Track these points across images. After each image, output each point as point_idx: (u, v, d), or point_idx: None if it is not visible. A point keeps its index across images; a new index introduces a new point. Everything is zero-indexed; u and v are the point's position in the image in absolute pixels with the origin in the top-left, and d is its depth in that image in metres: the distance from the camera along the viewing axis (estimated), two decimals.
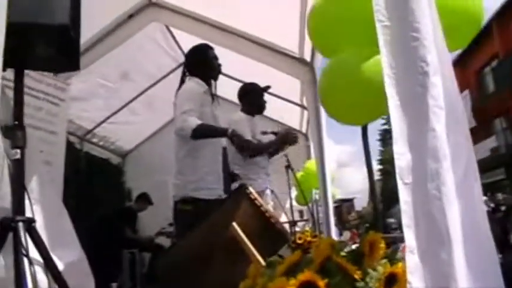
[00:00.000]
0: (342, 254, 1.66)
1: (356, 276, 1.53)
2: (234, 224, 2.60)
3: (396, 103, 1.19)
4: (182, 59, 6.10)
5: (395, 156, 1.17)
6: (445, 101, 1.19)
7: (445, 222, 1.13)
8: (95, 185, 6.63)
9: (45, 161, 3.98)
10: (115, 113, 6.46)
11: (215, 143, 3.26)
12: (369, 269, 1.54)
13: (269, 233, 2.68)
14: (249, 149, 3.15)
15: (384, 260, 1.61)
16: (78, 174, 6.15)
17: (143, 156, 7.63)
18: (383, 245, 1.63)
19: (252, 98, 4.11)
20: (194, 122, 2.97)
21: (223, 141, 3.41)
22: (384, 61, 1.22)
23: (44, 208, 1.87)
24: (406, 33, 1.19)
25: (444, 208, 1.13)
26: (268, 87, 4.14)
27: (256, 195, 2.66)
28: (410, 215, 1.14)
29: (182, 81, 3.37)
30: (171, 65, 6.31)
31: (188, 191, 3.06)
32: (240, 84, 4.44)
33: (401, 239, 1.31)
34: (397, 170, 1.17)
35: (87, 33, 4.34)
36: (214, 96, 3.37)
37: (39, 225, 1.75)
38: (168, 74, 6.38)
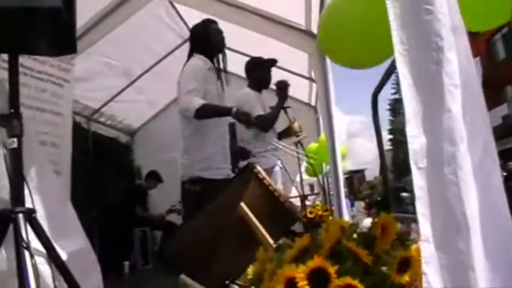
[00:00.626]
0: (353, 237, 1.60)
1: (368, 261, 1.47)
2: (242, 204, 2.56)
3: (409, 82, 1.11)
4: (187, 34, 5.94)
5: (408, 139, 1.09)
6: (461, 78, 1.10)
7: (462, 208, 1.06)
8: (104, 164, 6.63)
9: (51, 143, 3.96)
10: (122, 91, 6.42)
11: (221, 121, 3.20)
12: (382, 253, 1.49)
13: (278, 213, 2.62)
14: (266, 124, 3.17)
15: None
16: (86, 154, 6.15)
17: (152, 134, 7.62)
18: (395, 227, 1.58)
19: (259, 72, 4.03)
20: (197, 102, 2.93)
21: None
22: (394, 36, 1.13)
23: (45, 197, 1.83)
24: (418, 5, 1.10)
25: (461, 194, 1.06)
26: (274, 60, 4.05)
27: (264, 175, 2.60)
28: (425, 201, 1.07)
29: (188, 59, 3.31)
30: (176, 41, 6.21)
31: (196, 170, 3.03)
32: (247, 59, 4.35)
33: (415, 219, 1.25)
34: (410, 154, 1.09)
35: (88, 12, 4.27)
36: (221, 72, 3.30)
37: (41, 215, 1.71)
38: (173, 50, 6.31)
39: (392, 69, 1.91)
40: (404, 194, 10.47)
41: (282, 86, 3.97)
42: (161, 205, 7.02)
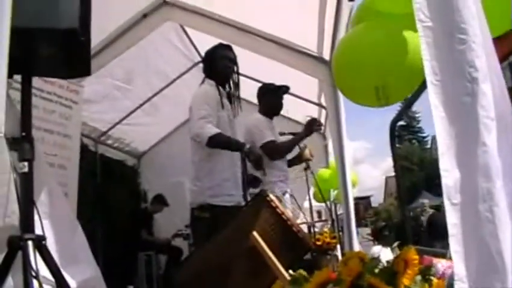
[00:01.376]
0: (375, 271, 1.54)
1: None
2: (255, 233, 2.50)
3: (442, 114, 1.07)
4: (197, 58, 6.05)
5: (442, 173, 1.05)
6: (496, 110, 1.06)
7: (499, 247, 1.00)
8: (111, 187, 6.58)
9: (59, 165, 3.93)
10: (130, 114, 6.39)
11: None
12: None
13: (291, 242, 2.56)
14: (275, 153, 3.23)
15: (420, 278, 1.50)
16: (93, 176, 6.12)
17: (159, 157, 7.57)
18: (418, 262, 1.52)
19: (271, 98, 4.01)
20: (211, 130, 2.91)
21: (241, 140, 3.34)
22: (426, 67, 1.09)
23: (55, 223, 1.78)
24: (452, 34, 1.06)
25: (497, 232, 1.01)
26: (287, 87, 4.04)
27: (277, 203, 2.54)
28: (459, 239, 1.02)
29: (202, 83, 3.30)
30: (186, 64, 6.22)
31: (206, 197, 2.98)
32: (258, 84, 4.35)
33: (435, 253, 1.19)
34: (444, 189, 1.04)
35: (100, 34, 4.28)
36: (232, 99, 3.29)
37: (51, 242, 1.65)
38: (183, 74, 6.30)
39: (414, 99, 1.87)
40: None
41: (314, 125, 3.92)
42: (167, 229, 6.94)
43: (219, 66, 3.26)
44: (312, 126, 3.90)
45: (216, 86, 3.20)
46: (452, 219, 1.03)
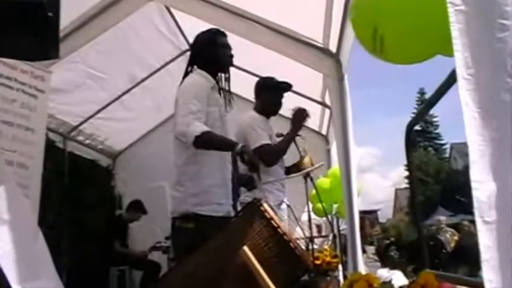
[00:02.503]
0: None
1: None
2: (246, 248, 2.46)
3: (474, 114, 1.02)
4: (185, 46, 6.02)
5: (473, 185, 1.00)
6: None
7: None
8: (81, 190, 6.52)
9: (19, 164, 3.85)
10: (105, 107, 6.35)
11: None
12: None
13: (287, 260, 2.52)
14: (271, 157, 3.15)
15: None
16: (61, 178, 6.05)
17: (138, 158, 7.54)
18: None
19: (270, 95, 3.98)
20: (199, 128, 2.85)
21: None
22: (458, 58, 1.04)
23: (13, 230, 1.71)
24: (491, 20, 1.01)
25: None
26: (289, 85, 4.01)
27: (272, 214, 2.51)
28: (494, 265, 0.97)
29: (186, 73, 3.23)
30: (172, 52, 6.20)
31: (190, 205, 2.92)
32: (250, 78, 4.33)
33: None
34: (475, 205, 0.99)
35: (72, 13, 4.22)
36: (224, 93, 3.25)
37: (6, 253, 1.59)
38: (168, 63, 6.28)
39: (436, 98, 1.82)
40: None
41: (300, 116, 3.89)
42: (144, 241, 6.89)
43: (221, 55, 3.22)
44: (300, 117, 3.88)
45: (207, 78, 3.15)
46: (486, 240, 0.98)
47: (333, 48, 4.11)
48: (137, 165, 7.41)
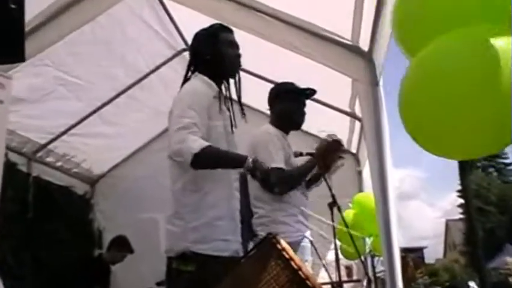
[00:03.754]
0: None
1: None
2: None
3: None
4: (180, 45, 6.09)
5: None
6: None
7: None
8: (50, 224, 6.56)
9: None
10: (82, 121, 6.43)
11: (229, 170, 3.16)
12: None
13: None
14: (282, 185, 3.08)
15: None
16: (24, 210, 6.08)
17: (123, 183, 7.61)
18: None
19: (288, 104, 4.03)
20: (196, 143, 2.87)
21: None
22: None
23: None
24: None
25: None
26: (312, 91, 4.06)
27: (291, 253, 2.54)
28: None
29: (185, 80, 3.29)
30: (165, 54, 6.29)
31: (189, 243, 2.95)
32: (264, 85, 4.37)
33: None
34: None
35: (41, 2, 4.25)
36: (232, 103, 3.29)
37: None
38: (160, 67, 6.36)
39: None
40: None
41: (333, 150, 3.89)
42: (130, 286, 6.91)
43: (226, 55, 3.27)
44: (332, 151, 3.86)
45: (210, 85, 3.20)
46: None
47: (364, 46, 4.13)
48: (123, 193, 7.46)
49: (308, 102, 4.17)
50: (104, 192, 7.80)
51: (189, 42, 3.65)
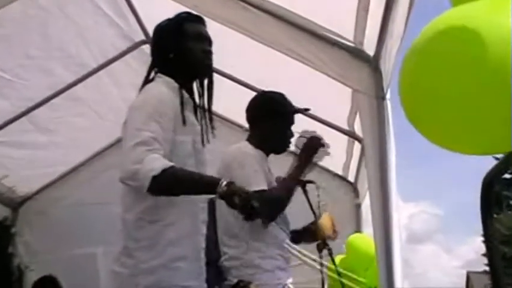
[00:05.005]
0: None
1: None
2: None
3: None
4: (139, 36, 6.09)
5: None
6: None
7: None
8: None
9: None
10: (6, 125, 6.41)
11: (196, 198, 3.19)
12: None
13: None
14: (269, 212, 3.08)
15: None
16: None
17: (53, 209, 7.56)
18: None
19: (273, 125, 4.08)
20: (156, 163, 2.85)
21: None
22: None
23: None
24: None
25: None
26: (305, 110, 4.19)
27: None
28: None
29: (146, 81, 3.32)
30: (118, 45, 6.32)
31: None
32: (246, 93, 4.40)
33: None
34: None
35: None
36: (204, 114, 3.35)
37: None
38: (112, 62, 6.38)
39: None
40: None
41: (311, 144, 4.00)
42: None
43: (192, 51, 3.30)
44: (311, 147, 3.98)
45: (175, 89, 3.23)
46: None
47: (369, 50, 4.22)
48: (54, 221, 7.39)
49: (301, 117, 4.21)
50: (30, 219, 7.73)
51: (150, 32, 3.66)
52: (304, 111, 4.22)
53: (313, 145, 4.00)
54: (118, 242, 3.11)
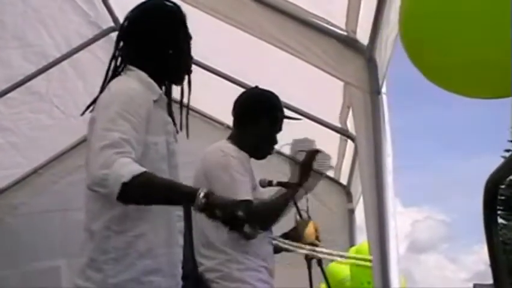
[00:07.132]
0: None
1: None
2: None
3: None
4: (107, 23, 6.11)
5: None
6: None
7: None
8: None
9: None
10: None
11: (169, 206, 3.18)
12: None
13: None
14: (256, 225, 2.99)
15: None
16: None
17: (8, 218, 7.48)
18: None
19: (269, 130, 4.14)
20: (128, 169, 2.80)
21: None
22: None
23: None
24: None
25: None
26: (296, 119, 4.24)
27: None
28: None
29: (114, 75, 3.29)
30: (84, 33, 6.31)
31: None
32: (228, 87, 4.40)
33: None
34: None
35: None
36: (181, 110, 3.35)
37: None
38: (77, 51, 6.37)
39: None
40: None
41: (306, 161, 4.02)
42: None
43: (173, 45, 3.30)
44: (305, 165, 3.99)
45: (148, 84, 3.22)
46: None
47: (362, 39, 4.25)
48: (9, 231, 7.30)
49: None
50: None
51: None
52: (295, 120, 4.26)
53: (312, 162, 4.00)
54: (83, 253, 3.07)
